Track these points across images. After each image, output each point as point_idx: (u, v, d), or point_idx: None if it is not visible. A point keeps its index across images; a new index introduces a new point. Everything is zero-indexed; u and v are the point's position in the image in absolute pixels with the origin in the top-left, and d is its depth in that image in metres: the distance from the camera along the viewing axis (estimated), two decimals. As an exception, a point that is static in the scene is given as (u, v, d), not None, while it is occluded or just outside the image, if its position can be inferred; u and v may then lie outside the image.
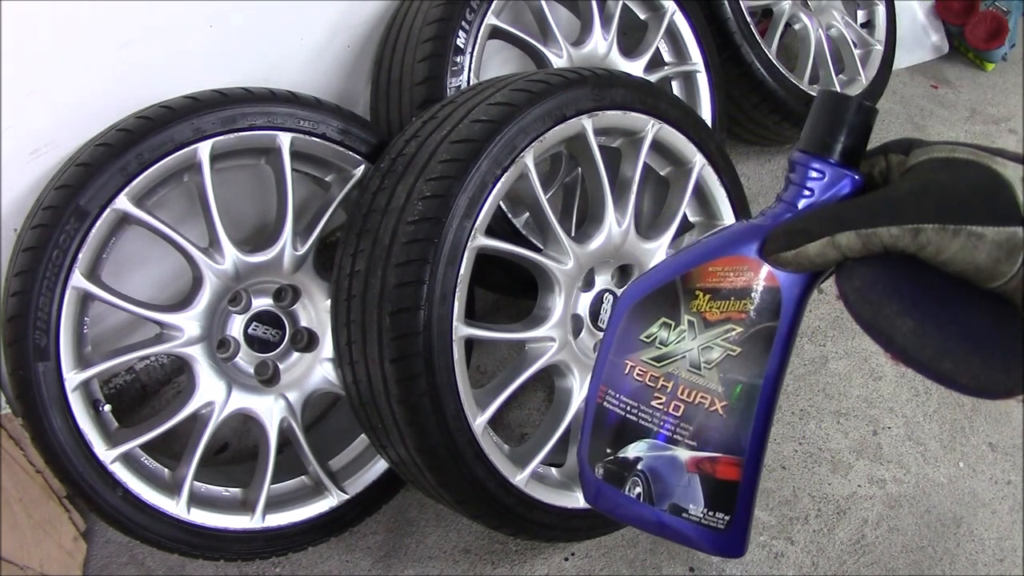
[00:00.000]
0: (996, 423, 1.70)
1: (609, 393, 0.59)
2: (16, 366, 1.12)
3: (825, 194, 0.53)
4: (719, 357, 0.55)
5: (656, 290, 0.58)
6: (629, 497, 0.59)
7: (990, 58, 2.70)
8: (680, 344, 0.57)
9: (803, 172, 0.54)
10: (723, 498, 0.56)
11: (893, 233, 0.46)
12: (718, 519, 0.56)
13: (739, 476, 0.55)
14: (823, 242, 0.48)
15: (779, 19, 2.06)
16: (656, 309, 0.58)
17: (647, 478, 0.58)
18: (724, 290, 0.55)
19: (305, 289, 1.37)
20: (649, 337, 0.58)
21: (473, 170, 1.10)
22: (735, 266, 0.55)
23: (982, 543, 1.51)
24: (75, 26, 1.17)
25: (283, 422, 1.30)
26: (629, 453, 0.59)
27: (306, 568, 1.39)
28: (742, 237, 0.55)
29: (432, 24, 1.39)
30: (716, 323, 0.55)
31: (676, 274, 0.57)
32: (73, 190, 1.13)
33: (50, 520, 1.30)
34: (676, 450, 0.57)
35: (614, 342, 0.60)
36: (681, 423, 0.56)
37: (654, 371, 0.58)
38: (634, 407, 0.58)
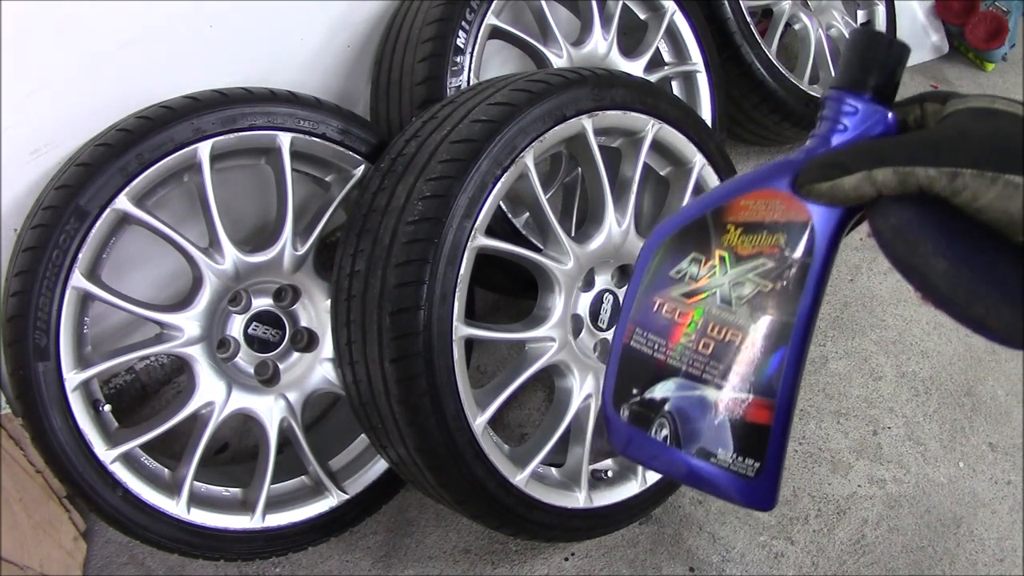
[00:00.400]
0: (996, 423, 1.70)
1: (637, 332, 0.57)
2: (16, 366, 1.12)
3: (859, 129, 0.53)
4: (751, 292, 0.53)
5: (687, 226, 0.57)
6: (655, 440, 0.56)
7: (990, 58, 2.70)
8: (711, 279, 0.55)
9: (836, 107, 0.54)
10: (753, 443, 0.53)
11: (931, 174, 0.45)
12: (747, 465, 0.53)
13: (770, 420, 0.53)
14: (860, 176, 0.48)
15: (779, 19, 2.06)
16: (687, 245, 0.56)
17: (674, 419, 0.56)
18: (756, 224, 0.54)
19: (305, 289, 1.37)
20: (679, 273, 0.56)
21: (473, 170, 1.10)
22: (768, 199, 0.53)
23: (982, 543, 1.51)
24: (75, 26, 1.17)
25: (283, 422, 1.30)
26: (656, 393, 0.56)
27: (306, 568, 1.39)
28: (775, 171, 0.54)
29: (432, 24, 1.39)
30: (748, 257, 0.54)
31: (707, 209, 0.56)
32: (73, 190, 1.13)
33: (50, 520, 1.30)
34: (705, 390, 0.54)
35: (643, 279, 0.58)
36: (711, 361, 0.54)
37: (683, 307, 0.56)
38: (662, 345, 0.56)
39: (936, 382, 1.75)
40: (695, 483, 0.56)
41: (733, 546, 1.45)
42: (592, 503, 1.28)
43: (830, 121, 0.54)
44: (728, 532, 1.47)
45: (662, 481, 1.37)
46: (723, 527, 1.47)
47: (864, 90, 0.53)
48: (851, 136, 0.53)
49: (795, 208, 0.52)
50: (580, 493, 1.27)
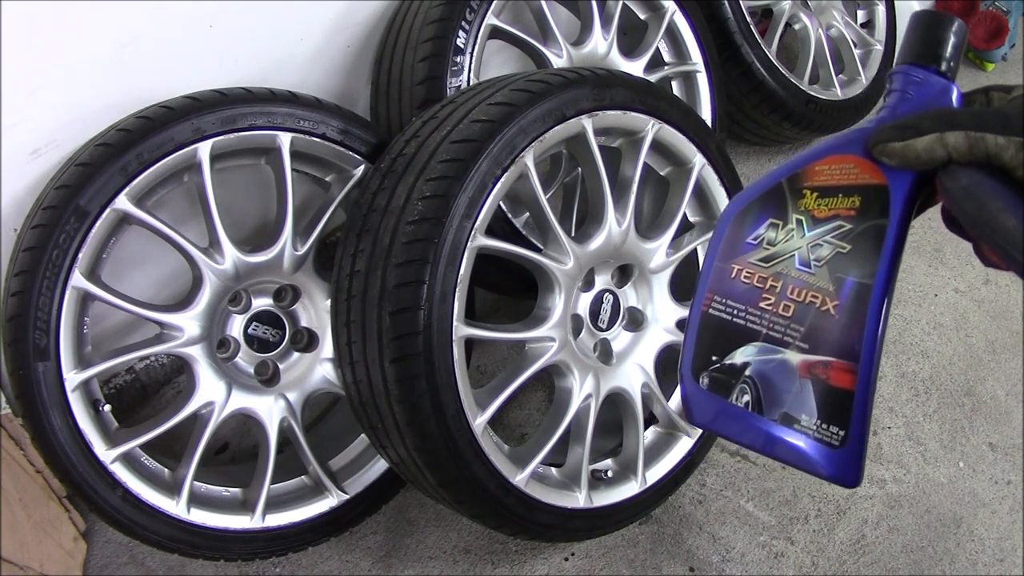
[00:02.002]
0: (996, 423, 1.70)
1: (715, 299, 0.58)
2: (16, 366, 1.12)
3: (926, 100, 0.54)
4: (829, 254, 0.54)
5: (763, 194, 0.57)
6: (737, 407, 0.56)
7: (990, 58, 2.70)
8: (789, 243, 0.56)
9: (903, 79, 0.55)
10: (837, 409, 0.53)
11: (1000, 143, 0.47)
12: (832, 433, 0.53)
13: (853, 384, 0.53)
14: (932, 138, 0.50)
15: (779, 19, 2.06)
16: (763, 211, 0.57)
17: (756, 384, 0.55)
18: (832, 188, 0.54)
19: (305, 289, 1.37)
20: (756, 239, 0.57)
21: (473, 170, 1.10)
22: (842, 164, 0.54)
23: (982, 543, 1.51)
24: (75, 26, 1.17)
25: (283, 422, 1.30)
26: (736, 359, 0.56)
27: (306, 568, 1.39)
28: (849, 138, 0.55)
29: (432, 24, 1.39)
30: (825, 220, 0.55)
31: (783, 176, 0.57)
32: (73, 190, 1.13)
33: (50, 520, 1.30)
34: (786, 353, 0.54)
35: (720, 248, 0.58)
36: (791, 324, 0.54)
37: (762, 271, 0.56)
38: (741, 310, 0.56)
39: (936, 382, 1.75)
40: (779, 453, 0.55)
41: (733, 546, 1.45)
42: (592, 503, 1.28)
43: (898, 92, 0.55)
44: (728, 532, 1.47)
45: (662, 481, 1.37)
46: (723, 527, 1.47)
47: (930, 63, 0.55)
48: (918, 105, 0.54)
49: (869, 171, 0.53)
50: (580, 493, 1.27)
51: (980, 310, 1.92)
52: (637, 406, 1.34)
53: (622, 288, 1.40)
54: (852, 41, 2.22)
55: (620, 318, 1.40)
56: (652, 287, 1.40)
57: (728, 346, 0.57)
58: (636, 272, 1.39)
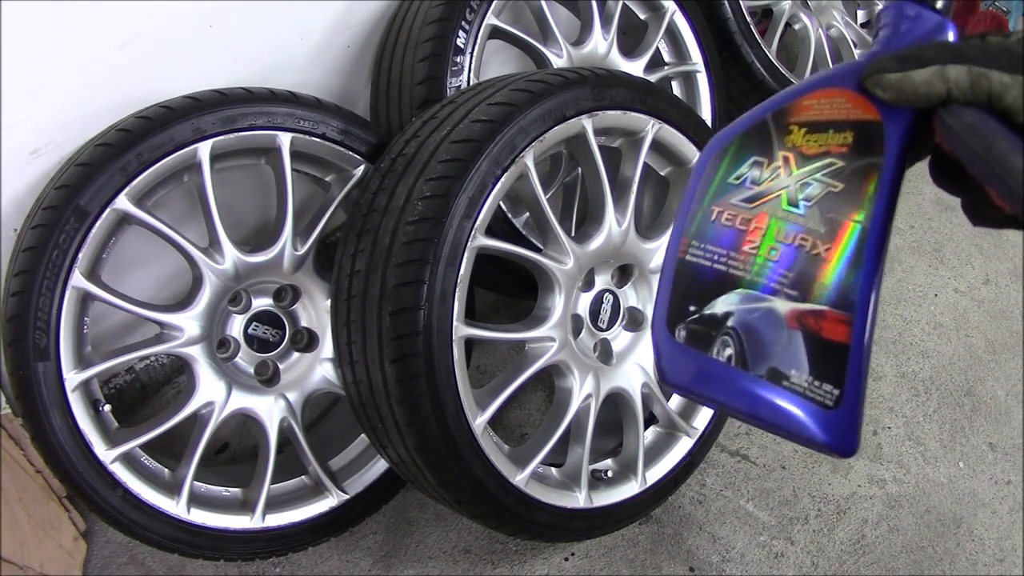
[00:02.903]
0: (996, 423, 1.70)
1: (692, 244, 0.52)
2: (16, 366, 1.12)
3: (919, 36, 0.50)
4: (820, 193, 0.49)
5: (745, 131, 0.52)
6: (717, 362, 0.49)
7: (990, 58, 2.70)
8: (775, 181, 0.50)
9: (895, 14, 0.51)
10: (831, 364, 0.47)
11: (1004, 81, 0.44)
12: (825, 392, 0.47)
13: (848, 337, 0.47)
14: (932, 70, 0.45)
15: (779, 19, 2.06)
16: (746, 149, 0.52)
17: (739, 336, 0.49)
18: (822, 123, 0.49)
19: (305, 289, 1.37)
20: (739, 178, 0.51)
21: (473, 170, 1.10)
22: (833, 98, 0.50)
23: (982, 543, 1.51)
24: (75, 26, 1.17)
25: (283, 422, 1.30)
26: (717, 308, 0.50)
27: (306, 568, 1.39)
28: (839, 72, 0.50)
29: (432, 24, 1.39)
30: (815, 157, 0.49)
31: (768, 112, 0.52)
32: (73, 190, 1.13)
33: (50, 520, 1.30)
34: (774, 301, 0.48)
35: (697, 189, 0.53)
36: (779, 269, 0.49)
37: (745, 213, 0.50)
38: (722, 255, 0.50)
39: (936, 382, 1.75)
40: (765, 415, 0.49)
41: (733, 546, 1.45)
42: (592, 503, 1.28)
43: (889, 27, 0.51)
44: (728, 532, 1.47)
45: (662, 481, 1.37)
46: (723, 527, 1.47)
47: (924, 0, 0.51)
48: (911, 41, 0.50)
49: (863, 106, 0.49)
50: (580, 493, 1.27)
51: (980, 310, 1.92)
52: (637, 406, 1.34)
53: (622, 288, 1.40)
54: (852, 41, 2.22)
55: (620, 318, 1.40)
56: (652, 287, 1.40)
57: (708, 295, 0.50)
58: (636, 272, 1.39)
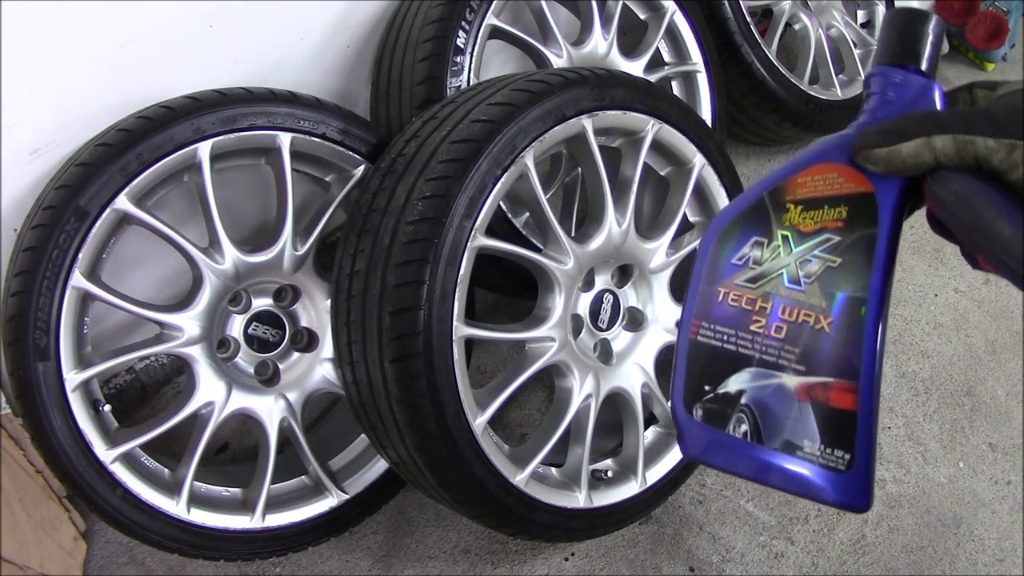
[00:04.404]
0: (996, 423, 1.70)
1: (703, 326, 0.54)
2: (16, 366, 1.12)
3: (908, 102, 0.52)
4: (819, 269, 0.51)
5: (744, 211, 0.55)
6: (734, 438, 0.53)
7: (990, 58, 2.70)
8: (776, 261, 0.53)
9: (882, 81, 0.53)
10: (840, 431, 0.50)
11: (990, 145, 0.45)
12: (837, 457, 0.50)
13: (855, 404, 0.49)
14: (918, 142, 0.47)
15: (779, 19, 2.06)
16: (747, 230, 0.54)
17: (753, 413, 0.52)
18: (817, 199, 0.52)
19: (305, 289, 1.37)
20: (741, 259, 0.54)
21: (473, 170, 1.10)
22: (825, 174, 0.52)
23: (982, 543, 1.51)
24: (75, 26, 1.17)
25: (283, 422, 1.30)
26: (731, 387, 0.53)
27: (306, 568, 1.39)
28: (830, 147, 0.53)
29: (432, 24, 1.39)
30: (812, 234, 0.52)
31: (764, 191, 0.54)
32: (73, 190, 1.13)
33: (50, 520, 1.30)
34: (783, 377, 0.51)
35: (704, 271, 0.55)
36: (785, 346, 0.51)
37: (750, 293, 0.53)
38: (731, 335, 0.53)
39: (936, 382, 1.75)
40: (782, 483, 0.52)
41: (733, 546, 1.45)
42: (592, 503, 1.28)
43: (877, 95, 0.53)
44: (728, 532, 1.47)
45: (662, 481, 1.37)
46: (723, 527, 1.47)
47: (909, 63, 0.53)
48: (899, 108, 0.52)
49: (855, 179, 0.51)
50: (580, 493, 1.27)
51: (980, 310, 1.92)
52: (637, 406, 1.34)
53: (622, 288, 1.40)
54: (852, 41, 2.22)
55: (620, 318, 1.40)
56: (652, 287, 1.40)
57: (720, 374, 0.54)
58: (636, 272, 1.39)
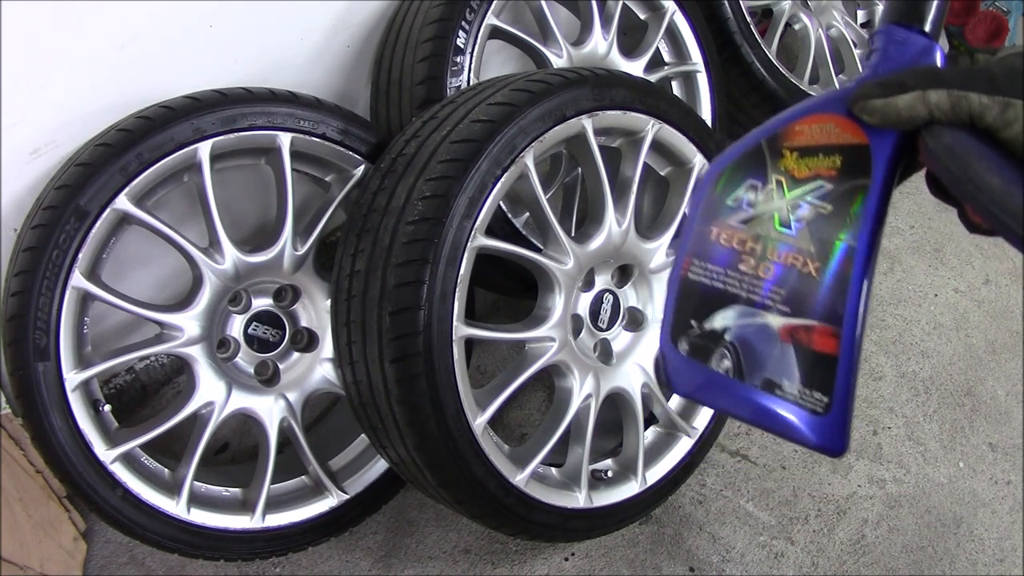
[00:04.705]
0: (996, 423, 1.70)
1: (694, 263, 0.57)
2: (16, 366, 1.12)
3: (908, 59, 0.53)
4: (810, 215, 0.53)
5: (741, 156, 0.56)
6: (716, 373, 0.55)
7: (990, 58, 2.70)
8: (768, 204, 0.55)
9: (885, 38, 0.54)
10: (821, 374, 0.51)
11: (984, 102, 0.46)
12: (816, 399, 0.52)
13: (837, 349, 0.51)
14: (914, 95, 0.49)
15: (779, 19, 2.06)
16: (742, 173, 0.56)
17: (736, 349, 0.54)
18: (812, 147, 0.53)
19: (305, 289, 1.37)
20: (735, 200, 0.56)
21: (473, 170, 1.10)
22: (822, 123, 0.53)
23: (982, 543, 1.51)
24: (75, 26, 1.17)
25: (283, 422, 1.30)
26: (716, 323, 0.55)
27: (306, 568, 1.39)
28: (828, 98, 0.54)
29: (432, 24, 1.39)
30: (805, 180, 0.54)
31: (762, 137, 0.56)
32: (73, 190, 1.13)
33: (50, 520, 1.30)
34: (767, 316, 0.53)
35: (699, 210, 0.57)
36: (772, 287, 0.53)
37: (742, 234, 0.55)
38: (720, 273, 0.55)
39: (936, 382, 1.75)
40: (760, 419, 0.54)
41: (733, 546, 1.45)
42: (592, 503, 1.28)
43: (879, 52, 0.55)
44: (728, 532, 1.47)
45: (662, 481, 1.37)
46: (723, 527, 1.47)
47: (913, 23, 0.54)
48: (900, 64, 0.53)
49: (851, 131, 0.52)
50: (580, 493, 1.27)
51: (980, 310, 1.92)
52: (637, 406, 1.34)
53: (622, 288, 1.40)
54: (852, 41, 2.22)
55: (620, 318, 1.40)
56: (652, 287, 1.40)
57: (707, 310, 0.56)
58: (636, 272, 1.39)
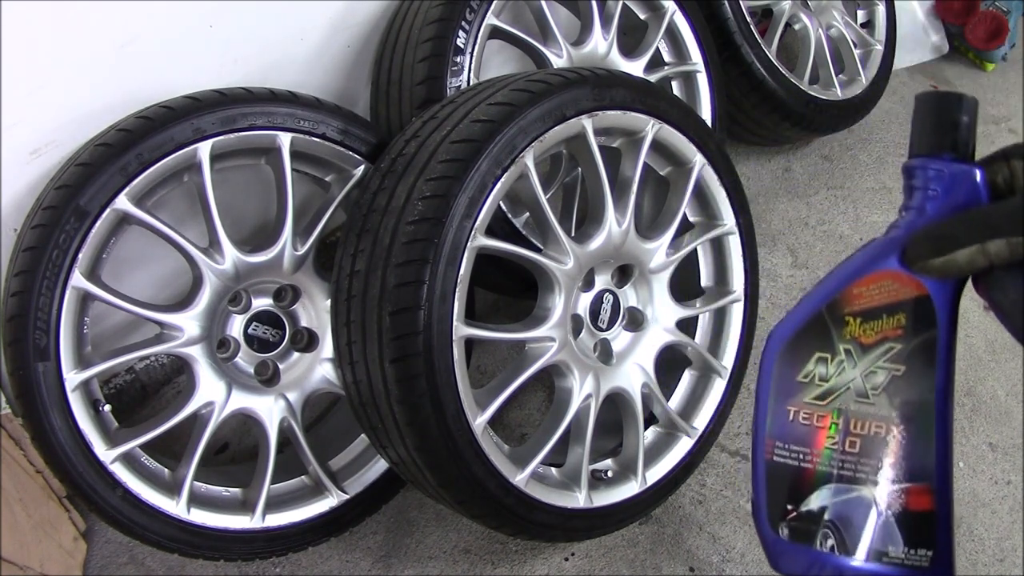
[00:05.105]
0: (996, 423, 1.70)
1: (777, 445, 0.57)
2: (16, 366, 1.12)
3: (950, 192, 0.53)
4: (885, 380, 0.53)
5: (803, 327, 0.56)
6: (822, 553, 0.55)
7: (990, 58, 2.70)
8: (842, 376, 0.55)
9: (923, 175, 0.54)
10: (922, 532, 0.53)
11: None
12: (921, 556, 0.53)
13: (933, 505, 0.52)
14: (973, 250, 0.48)
15: (779, 19, 2.06)
16: (808, 346, 0.56)
17: (837, 527, 0.55)
18: (874, 309, 0.53)
19: (305, 289, 1.37)
20: (807, 376, 0.56)
21: (473, 170, 1.10)
22: (880, 283, 0.53)
23: (982, 543, 1.51)
24: (75, 26, 1.17)
25: (283, 422, 1.30)
26: (812, 504, 0.55)
27: (306, 568, 1.39)
28: (880, 252, 0.54)
29: (432, 24, 1.39)
30: (873, 345, 0.54)
31: (821, 304, 0.56)
32: (73, 190, 1.13)
33: (50, 520, 1.30)
34: (861, 489, 0.54)
35: (771, 390, 0.57)
36: (860, 459, 0.54)
37: (820, 410, 0.55)
38: (807, 453, 0.55)
39: (936, 382, 1.75)
40: None
41: (733, 546, 1.45)
42: (592, 503, 1.28)
43: (921, 190, 0.54)
44: (728, 532, 1.47)
45: (662, 481, 1.37)
46: (723, 527, 1.47)
47: (946, 151, 0.54)
48: (944, 201, 0.53)
49: (909, 284, 0.52)
50: (580, 493, 1.27)
51: (980, 310, 1.92)
52: (637, 406, 1.34)
53: (622, 288, 1.40)
54: (852, 41, 2.22)
55: (620, 318, 1.40)
56: (652, 287, 1.40)
57: (800, 492, 0.56)
58: (636, 272, 1.39)
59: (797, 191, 2.18)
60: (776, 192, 2.17)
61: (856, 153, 2.32)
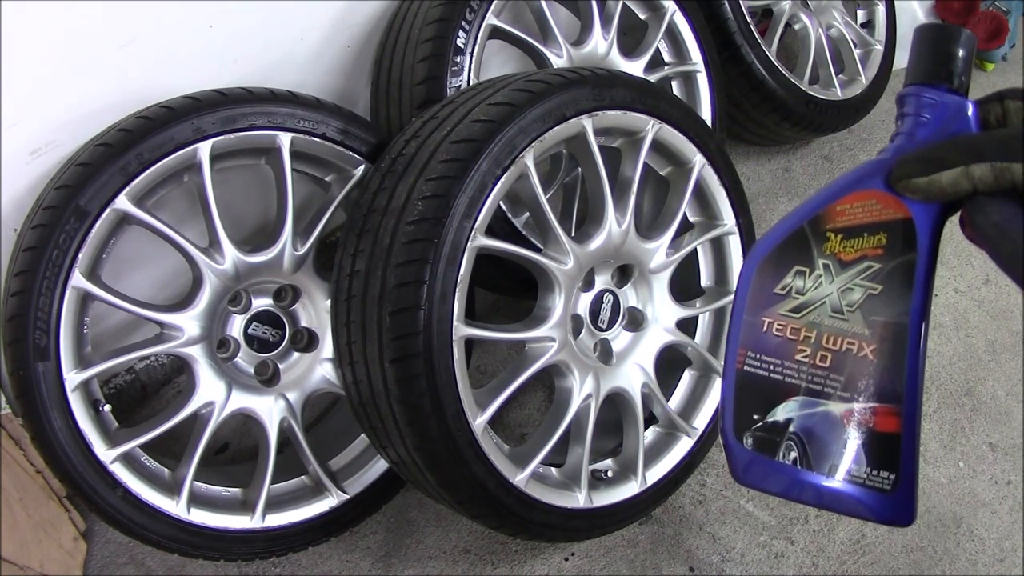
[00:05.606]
0: (996, 423, 1.70)
1: (749, 355, 0.56)
2: (16, 366, 1.12)
3: (941, 121, 0.53)
4: (861, 298, 0.53)
5: (784, 240, 0.56)
6: (784, 465, 0.55)
7: (990, 58, 2.70)
8: (818, 290, 0.55)
9: (916, 102, 0.54)
10: (886, 454, 0.52)
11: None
12: (883, 478, 0.52)
13: (899, 427, 0.52)
14: (957, 171, 0.48)
15: (779, 19, 2.06)
16: (787, 259, 0.56)
17: (801, 440, 0.54)
18: (856, 227, 0.53)
19: (305, 289, 1.37)
20: (784, 288, 0.56)
21: (473, 170, 1.10)
22: (863, 201, 0.53)
23: (982, 543, 1.51)
24: (75, 26, 1.17)
25: (283, 422, 1.30)
26: (779, 416, 0.55)
27: (306, 568, 1.39)
28: (867, 173, 0.54)
29: (432, 24, 1.39)
30: (852, 262, 0.54)
31: (803, 220, 0.56)
32: (73, 190, 1.13)
33: (50, 520, 1.30)
34: (829, 404, 0.54)
35: (747, 301, 0.57)
36: (830, 374, 0.54)
37: (794, 323, 0.55)
38: (778, 365, 0.55)
39: (936, 382, 1.75)
40: (830, 505, 0.55)
41: (733, 546, 1.45)
42: (592, 503, 1.28)
43: (912, 116, 0.54)
44: (728, 532, 1.47)
45: (662, 481, 1.37)
46: (723, 527, 1.47)
47: (941, 82, 0.54)
48: (935, 128, 0.53)
49: (893, 206, 0.52)
50: (580, 493, 1.27)
51: (980, 310, 1.92)
52: (637, 406, 1.34)
53: (622, 288, 1.40)
54: (852, 41, 2.22)
55: (620, 318, 1.40)
56: (652, 287, 1.40)
57: (768, 403, 0.56)
58: (636, 272, 1.39)
59: (797, 191, 2.18)
60: (776, 192, 2.17)
61: (856, 153, 2.32)
